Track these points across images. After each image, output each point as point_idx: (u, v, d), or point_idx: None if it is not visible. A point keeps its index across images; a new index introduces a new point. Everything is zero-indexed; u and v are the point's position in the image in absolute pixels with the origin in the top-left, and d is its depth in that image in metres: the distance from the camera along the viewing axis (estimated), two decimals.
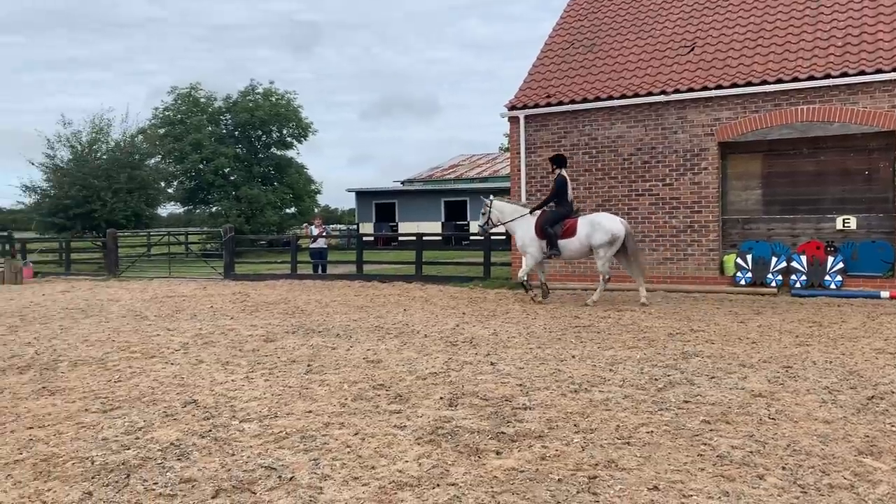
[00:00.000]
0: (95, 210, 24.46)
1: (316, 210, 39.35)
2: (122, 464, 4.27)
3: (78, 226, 24.88)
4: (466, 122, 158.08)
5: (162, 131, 33.24)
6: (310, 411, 5.40)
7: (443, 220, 34.55)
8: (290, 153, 38.16)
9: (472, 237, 28.83)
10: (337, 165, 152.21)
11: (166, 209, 38.01)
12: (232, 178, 34.73)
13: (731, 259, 13.56)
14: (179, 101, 35.34)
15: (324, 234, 20.23)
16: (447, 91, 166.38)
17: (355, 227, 37.17)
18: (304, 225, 27.04)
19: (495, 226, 12.81)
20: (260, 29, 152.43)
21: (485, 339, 8.52)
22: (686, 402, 5.55)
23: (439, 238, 30.11)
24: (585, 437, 4.68)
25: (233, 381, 6.54)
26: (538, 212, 12.24)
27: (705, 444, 4.51)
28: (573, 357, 7.38)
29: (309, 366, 7.13)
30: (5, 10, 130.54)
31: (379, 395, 5.85)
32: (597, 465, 4.16)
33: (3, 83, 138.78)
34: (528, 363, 7.08)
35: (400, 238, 31.69)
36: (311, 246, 19.60)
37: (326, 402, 5.66)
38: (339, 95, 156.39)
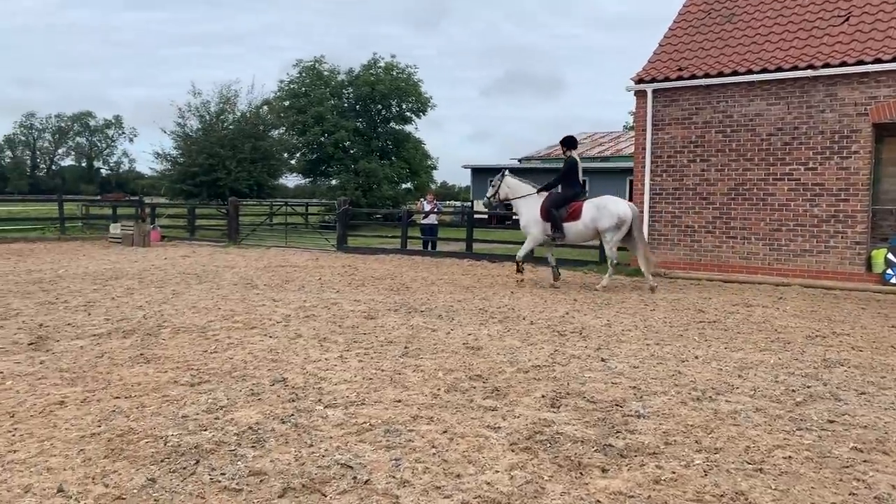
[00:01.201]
0: (220, 178, 25.35)
1: (432, 186, 39.31)
2: (195, 447, 4.00)
3: (204, 193, 25.89)
4: (592, 100, 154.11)
5: (286, 104, 34.06)
6: (399, 400, 4.99)
7: None
8: (408, 128, 38.24)
9: None
10: (455, 142, 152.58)
11: (291, 180, 39.20)
12: (351, 151, 35.14)
13: (880, 254, 12.09)
14: (304, 75, 36.02)
15: (436, 209, 19.94)
16: (573, 68, 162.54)
17: (469, 204, 36.81)
18: (419, 200, 27.03)
19: (502, 201, 12.49)
20: (388, 4, 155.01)
21: (596, 331, 7.85)
22: (831, 421, 4.72)
23: None
24: (709, 458, 4.00)
25: (326, 359, 6.25)
26: (545, 193, 11.82)
27: (858, 480, 3.73)
28: (696, 358, 6.60)
29: (406, 348, 6.75)
30: None
31: (475, 388, 5.36)
32: (722, 496, 3.49)
33: (147, 57, 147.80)
34: (644, 362, 6.38)
35: (514, 217, 31.04)
36: (423, 221, 19.36)
37: (418, 392, 5.23)
38: (461, 71, 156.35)
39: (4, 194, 71.32)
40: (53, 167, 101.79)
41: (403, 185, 38.04)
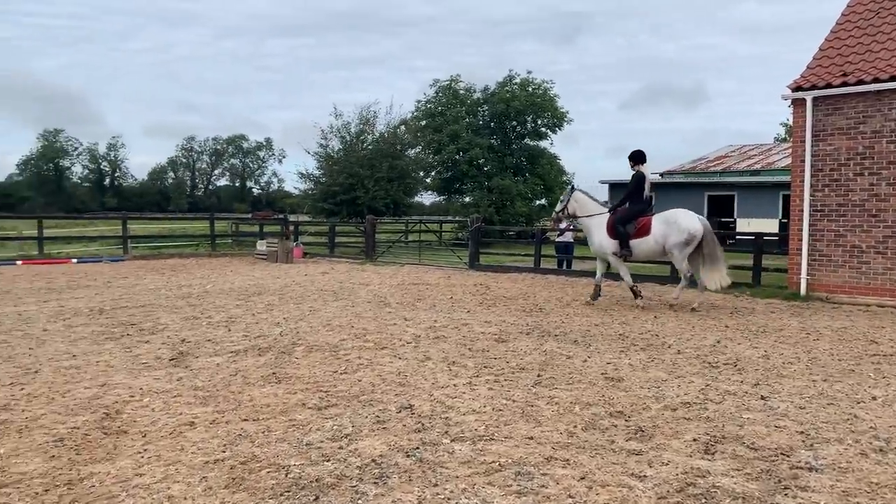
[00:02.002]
0: (359, 197, 26.03)
1: None
2: (316, 481, 3.80)
3: (343, 211, 26.68)
4: (737, 111, 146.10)
5: (423, 123, 34.63)
6: (531, 437, 4.60)
7: (705, 216, 31.83)
8: (543, 143, 37.80)
9: (738, 237, 26.08)
10: (593, 157, 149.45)
11: (426, 197, 39.76)
12: (485, 168, 35.15)
13: None
14: (440, 94, 36.54)
15: (571, 227, 19.32)
16: (716, 79, 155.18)
17: None
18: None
19: (569, 217, 12.04)
20: (525, 23, 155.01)
21: (753, 363, 7.07)
22: None
23: None
24: None
25: (454, 385, 5.96)
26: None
27: None
28: (874, 399, 5.74)
29: (539, 376, 6.34)
30: (298, 15, 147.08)
31: (616, 427, 4.87)
32: None
33: (295, 82, 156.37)
34: (812, 401, 5.60)
35: None
36: (557, 239, 18.80)
37: (552, 428, 4.81)
38: (599, 85, 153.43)
39: (166, 212, 77.44)
40: (210, 187, 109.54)
41: (537, 202, 37.56)
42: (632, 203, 11.23)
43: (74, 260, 19.39)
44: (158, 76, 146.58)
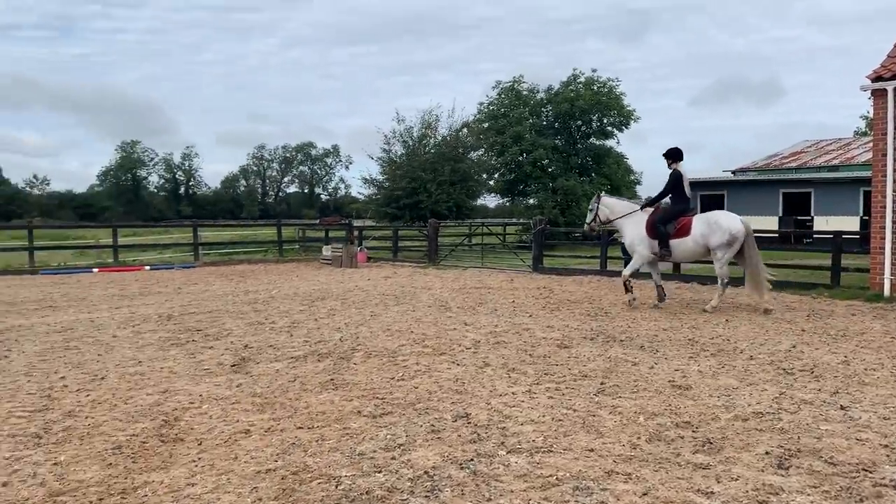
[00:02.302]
0: (422, 201, 26.04)
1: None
2: (366, 493, 3.72)
3: (406, 215, 26.75)
4: (812, 104, 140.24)
5: (485, 125, 34.46)
6: (591, 449, 4.40)
7: (780, 214, 30.59)
8: (609, 143, 37.09)
9: (815, 235, 24.99)
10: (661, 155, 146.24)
11: (490, 200, 39.58)
12: (549, 169, 34.74)
13: None
14: (503, 96, 36.30)
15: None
16: (792, 72, 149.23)
17: None
18: None
19: (603, 223, 11.98)
20: (590, 21, 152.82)
21: (831, 369, 6.66)
22: None
23: (775, 235, 26.61)
24: None
25: (513, 393, 5.80)
26: (650, 209, 11.30)
27: None
28: None
29: (602, 384, 6.11)
30: (362, 23, 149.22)
31: (682, 438, 4.62)
32: None
33: (361, 88, 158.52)
34: None
35: None
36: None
37: (614, 439, 4.60)
38: (667, 82, 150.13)
39: (238, 219, 79.59)
40: (280, 194, 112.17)
41: None
42: (673, 202, 11.11)
43: (147, 267, 20.05)
44: (229, 87, 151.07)
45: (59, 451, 4.45)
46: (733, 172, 37.68)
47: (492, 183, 35.38)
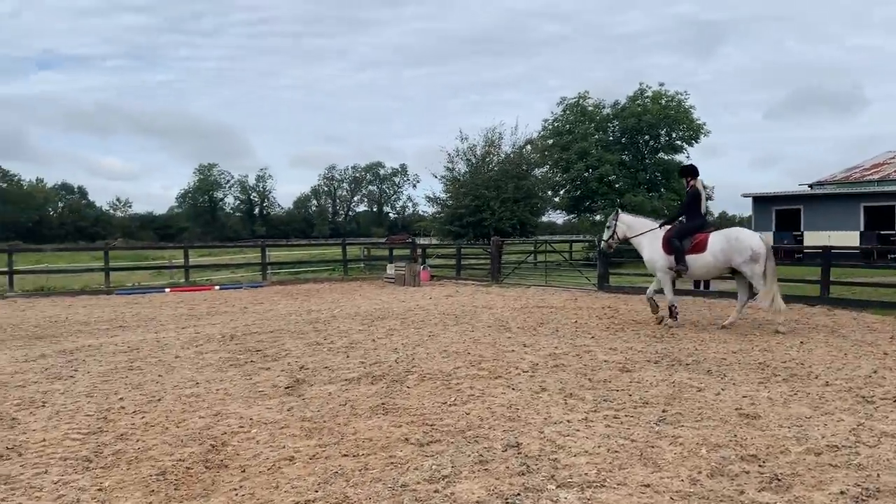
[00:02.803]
0: (485, 219, 25.95)
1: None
2: None
3: (470, 233, 26.68)
4: None
5: (550, 142, 34.17)
6: (648, 485, 4.14)
7: (861, 229, 29.10)
8: (679, 157, 36.10)
9: None
10: (736, 169, 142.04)
11: (556, 216, 39.10)
12: (616, 185, 34.08)
13: None
14: (568, 112, 35.88)
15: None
16: (873, 81, 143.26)
17: None
18: None
19: (621, 241, 12.04)
20: (658, 35, 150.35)
21: None
22: None
23: (856, 251, 25.31)
24: None
25: (568, 421, 5.56)
26: (668, 226, 11.34)
27: None
28: None
29: (663, 412, 5.81)
30: (431, 44, 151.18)
31: (747, 473, 4.30)
32: None
33: (429, 108, 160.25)
34: None
35: (804, 251, 27.49)
36: None
37: (672, 473, 4.32)
38: (741, 95, 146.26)
39: (309, 238, 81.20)
40: (350, 213, 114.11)
41: None
42: (688, 218, 11.14)
43: (217, 287, 20.52)
44: (302, 110, 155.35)
45: (106, 475, 4.47)
46: (810, 186, 36.21)
47: (557, 200, 34.97)
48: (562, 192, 35.14)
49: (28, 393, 6.86)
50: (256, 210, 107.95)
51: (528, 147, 30.09)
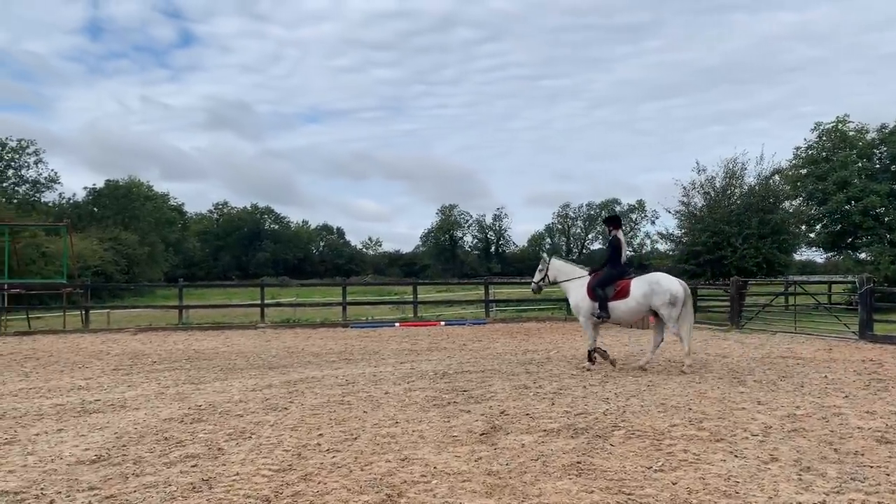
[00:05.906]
0: (726, 256, 23.84)
1: None
2: None
3: (708, 272, 24.69)
4: None
5: (803, 171, 30.80)
6: None
7: None
8: None
9: None
10: None
11: (815, 254, 35.10)
12: (885, 219, 29.68)
13: None
14: (824, 138, 32.19)
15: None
16: None
17: None
18: None
19: (551, 283, 12.25)
20: None
21: None
22: None
23: None
24: None
25: (800, 503, 4.56)
26: (595, 274, 11.60)
27: None
28: None
29: None
30: (670, 76, 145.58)
31: None
32: None
33: (670, 142, 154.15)
34: None
35: None
36: None
37: None
38: None
39: None
40: (584, 251, 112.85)
41: None
42: (610, 266, 11.43)
43: (443, 322, 21.00)
44: (538, 149, 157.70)
45: None
46: None
47: (812, 235, 31.34)
48: (818, 227, 31.46)
49: (243, 423, 7.24)
50: (493, 248, 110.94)
51: (777, 177, 27.33)
